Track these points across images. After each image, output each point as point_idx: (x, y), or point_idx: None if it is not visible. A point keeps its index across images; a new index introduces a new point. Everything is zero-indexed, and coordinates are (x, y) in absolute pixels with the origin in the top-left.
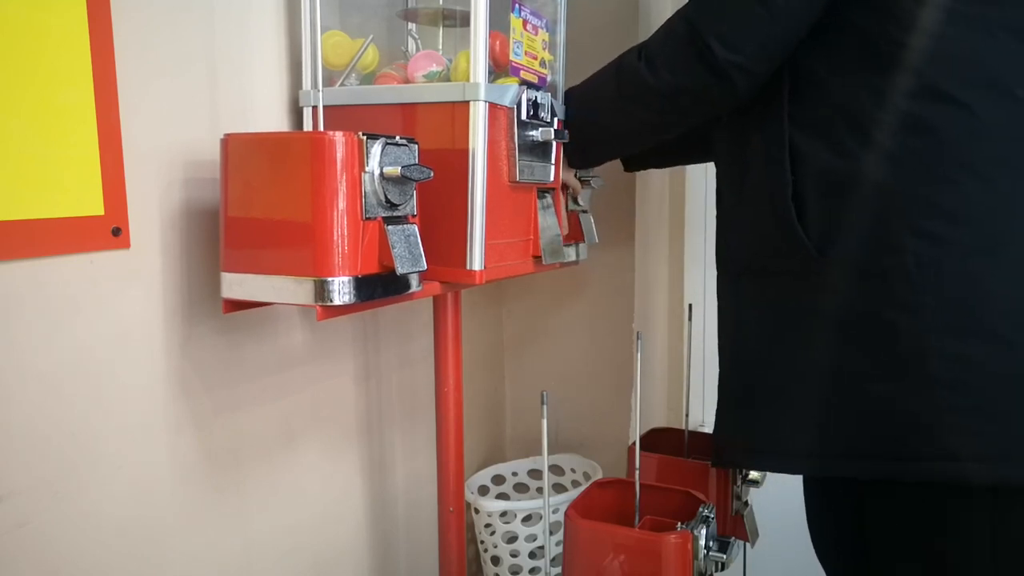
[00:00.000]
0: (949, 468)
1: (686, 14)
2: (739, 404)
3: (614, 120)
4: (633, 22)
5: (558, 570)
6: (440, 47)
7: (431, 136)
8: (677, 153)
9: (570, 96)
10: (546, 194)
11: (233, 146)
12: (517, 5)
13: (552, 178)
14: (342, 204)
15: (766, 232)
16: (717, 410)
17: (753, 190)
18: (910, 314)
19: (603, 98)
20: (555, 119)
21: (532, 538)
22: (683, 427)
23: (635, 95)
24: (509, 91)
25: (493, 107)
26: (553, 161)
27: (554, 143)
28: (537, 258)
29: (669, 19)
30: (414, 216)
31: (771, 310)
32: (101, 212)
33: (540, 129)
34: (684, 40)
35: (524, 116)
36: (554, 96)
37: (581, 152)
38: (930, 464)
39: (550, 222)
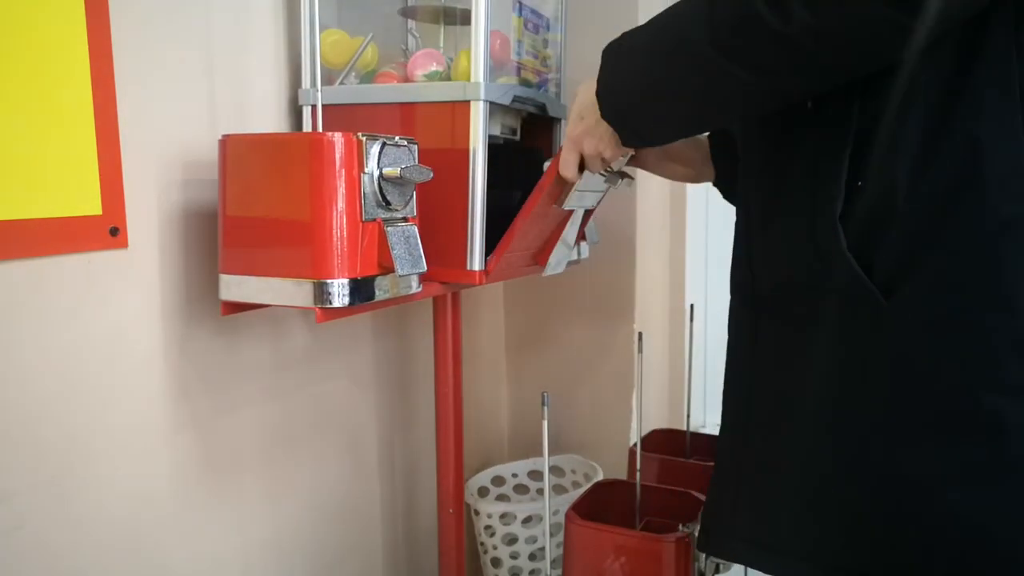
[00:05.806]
0: None
1: None
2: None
3: (695, 84)
4: (633, 22)
5: (559, 572)
6: (441, 45)
7: (431, 136)
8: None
9: (618, 50)
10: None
11: (232, 147)
12: (518, 3)
13: (596, 203)
14: (341, 205)
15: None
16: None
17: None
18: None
19: (678, 52)
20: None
21: (532, 540)
22: (684, 428)
23: (744, 46)
24: (509, 90)
25: None
26: (603, 190)
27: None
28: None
29: None
30: (414, 217)
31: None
32: (99, 212)
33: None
34: None
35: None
36: (556, 95)
37: (635, 127)
38: None
39: (570, 237)
